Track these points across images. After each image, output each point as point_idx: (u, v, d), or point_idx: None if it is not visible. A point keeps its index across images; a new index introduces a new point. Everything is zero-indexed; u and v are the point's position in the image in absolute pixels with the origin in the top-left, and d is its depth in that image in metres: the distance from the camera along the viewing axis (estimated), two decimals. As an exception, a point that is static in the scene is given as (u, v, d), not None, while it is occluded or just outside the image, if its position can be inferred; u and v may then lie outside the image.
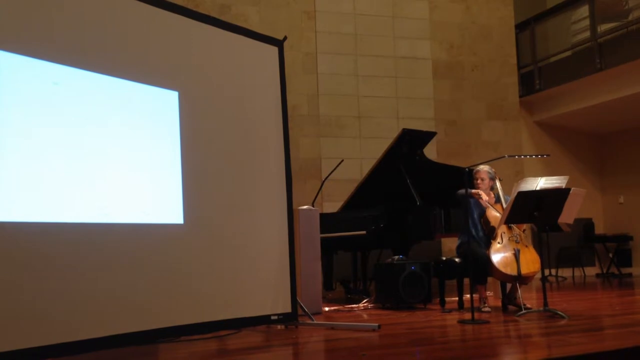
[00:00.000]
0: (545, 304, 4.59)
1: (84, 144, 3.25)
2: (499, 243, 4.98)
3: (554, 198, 4.52)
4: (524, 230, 5.21)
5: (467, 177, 4.97)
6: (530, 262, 4.92)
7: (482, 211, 5.20)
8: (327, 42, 9.12)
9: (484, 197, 5.23)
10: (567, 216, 4.60)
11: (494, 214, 5.13)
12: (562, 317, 4.42)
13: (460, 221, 5.73)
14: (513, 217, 4.65)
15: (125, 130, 3.49)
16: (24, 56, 3.02)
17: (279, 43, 4.60)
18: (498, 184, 5.39)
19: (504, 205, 5.18)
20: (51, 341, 2.92)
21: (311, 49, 9.04)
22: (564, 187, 4.63)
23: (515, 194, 4.57)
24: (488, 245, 5.02)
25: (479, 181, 5.30)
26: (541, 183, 4.77)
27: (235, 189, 4.08)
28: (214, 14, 7.58)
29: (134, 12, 3.62)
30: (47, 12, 3.17)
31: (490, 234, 5.11)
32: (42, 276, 2.95)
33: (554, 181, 4.75)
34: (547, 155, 5.08)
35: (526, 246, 5.03)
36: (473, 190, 5.25)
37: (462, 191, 5.09)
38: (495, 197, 5.36)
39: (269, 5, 8.85)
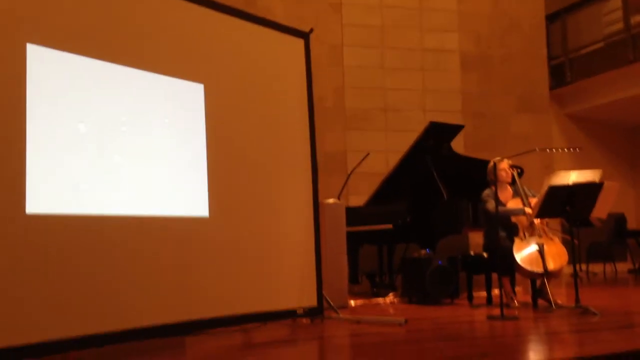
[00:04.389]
0: (577, 300, 4.47)
1: (108, 136, 3.26)
2: (521, 240, 4.86)
3: (587, 192, 4.40)
4: (547, 223, 5.05)
5: (494, 172, 4.84)
6: (556, 255, 4.77)
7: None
8: (354, 35, 9.05)
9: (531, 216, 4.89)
10: (600, 211, 4.49)
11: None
12: (594, 314, 4.31)
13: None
14: (544, 211, 4.55)
15: (150, 123, 3.49)
16: (52, 49, 3.04)
17: (305, 35, 4.56)
18: (517, 176, 5.24)
19: (524, 199, 5.04)
20: (78, 333, 2.95)
21: (337, 41, 8.98)
22: (597, 181, 4.51)
23: (546, 188, 4.46)
24: (511, 240, 4.91)
25: (502, 172, 5.16)
26: (573, 177, 4.65)
27: (261, 182, 4.07)
28: (239, 7, 7.56)
29: (159, 4, 3.61)
30: (72, 5, 3.17)
31: (511, 231, 4.98)
32: (68, 269, 2.97)
33: (587, 175, 4.63)
34: (580, 148, 4.93)
35: (550, 239, 4.89)
36: (527, 209, 4.94)
37: (494, 206, 4.71)
38: (513, 191, 5.23)
39: (294, -2, 8.81)
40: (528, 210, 4.97)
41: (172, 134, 3.60)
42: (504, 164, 5.13)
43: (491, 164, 5.02)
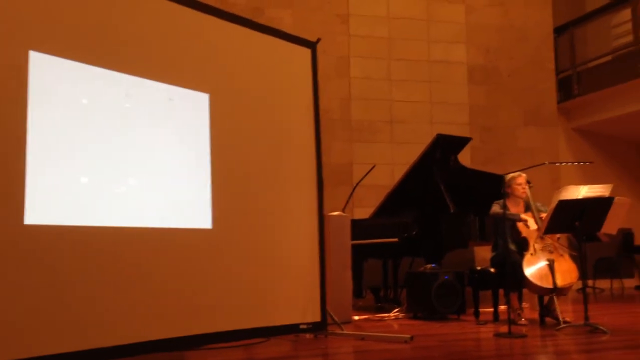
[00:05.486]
0: (586, 317, 4.38)
1: (112, 147, 3.20)
2: (531, 254, 4.77)
3: (597, 207, 4.32)
4: (558, 239, 4.96)
5: (504, 190, 4.74)
6: (567, 272, 4.68)
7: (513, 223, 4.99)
8: (360, 46, 9.01)
9: (532, 225, 4.89)
10: (610, 226, 4.40)
11: (524, 225, 4.93)
12: (604, 332, 4.22)
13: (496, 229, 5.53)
14: (553, 226, 4.46)
15: (154, 132, 3.43)
16: (55, 57, 2.99)
17: (312, 45, 4.51)
18: (528, 191, 5.16)
19: (534, 214, 4.95)
20: (75, 348, 2.88)
21: (344, 52, 8.94)
22: (607, 195, 4.43)
23: (556, 202, 4.38)
24: (520, 255, 4.83)
25: (519, 187, 5.07)
26: (583, 192, 4.57)
27: (265, 194, 4.00)
28: (246, 16, 7.53)
29: (165, 12, 3.56)
30: (76, 13, 3.13)
31: (521, 245, 4.90)
32: (67, 281, 2.90)
33: (597, 189, 4.55)
34: (590, 162, 4.85)
35: (561, 255, 4.80)
36: (523, 215, 4.95)
37: (499, 210, 4.87)
38: (525, 205, 5.15)
39: (302, 9, 8.78)
40: (524, 217, 4.93)
41: (176, 143, 3.54)
42: (522, 179, 5.07)
43: (509, 176, 4.97)
